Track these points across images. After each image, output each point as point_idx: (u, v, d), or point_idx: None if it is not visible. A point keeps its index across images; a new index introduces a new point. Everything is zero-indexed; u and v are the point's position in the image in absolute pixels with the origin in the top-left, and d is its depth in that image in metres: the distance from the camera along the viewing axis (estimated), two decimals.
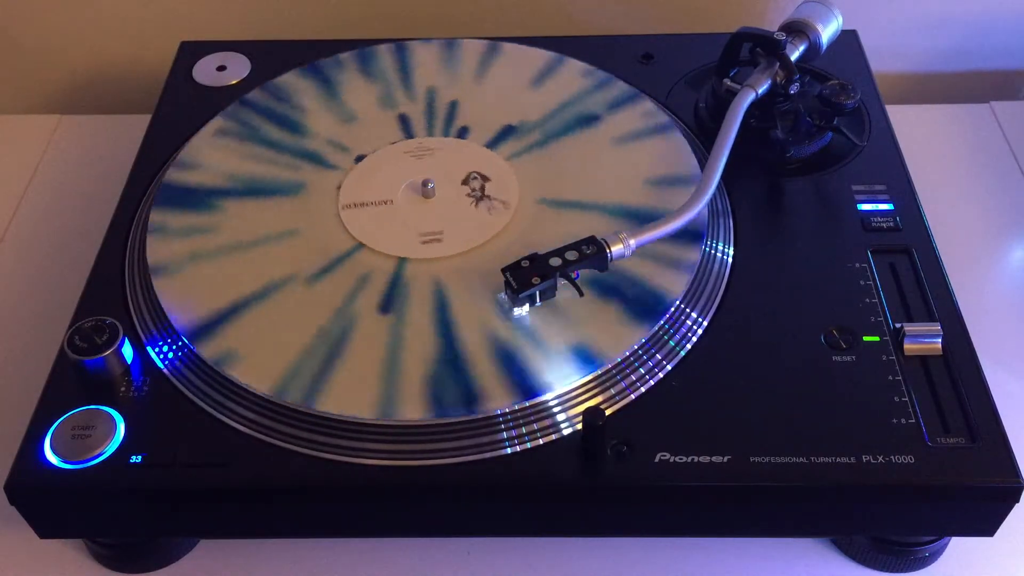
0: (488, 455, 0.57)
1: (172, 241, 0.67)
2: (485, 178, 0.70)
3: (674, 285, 0.63)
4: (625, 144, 0.72)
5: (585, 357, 0.59)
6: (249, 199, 0.69)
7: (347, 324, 0.62)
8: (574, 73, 0.78)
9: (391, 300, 0.63)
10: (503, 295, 0.62)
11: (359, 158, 0.72)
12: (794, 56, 0.71)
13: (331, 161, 0.72)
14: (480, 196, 0.69)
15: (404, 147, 0.73)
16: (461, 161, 0.72)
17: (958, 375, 0.59)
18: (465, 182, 0.70)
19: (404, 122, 0.74)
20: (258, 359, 0.60)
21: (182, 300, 0.63)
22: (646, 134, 0.73)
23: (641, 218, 0.66)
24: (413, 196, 0.69)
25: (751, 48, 0.73)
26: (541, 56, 0.79)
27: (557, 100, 0.76)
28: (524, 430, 0.57)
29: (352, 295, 0.63)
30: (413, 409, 0.57)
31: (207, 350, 0.60)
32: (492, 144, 0.73)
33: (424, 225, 0.67)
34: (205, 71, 0.81)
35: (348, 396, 0.58)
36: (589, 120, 0.74)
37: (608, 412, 0.58)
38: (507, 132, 0.74)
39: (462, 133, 0.74)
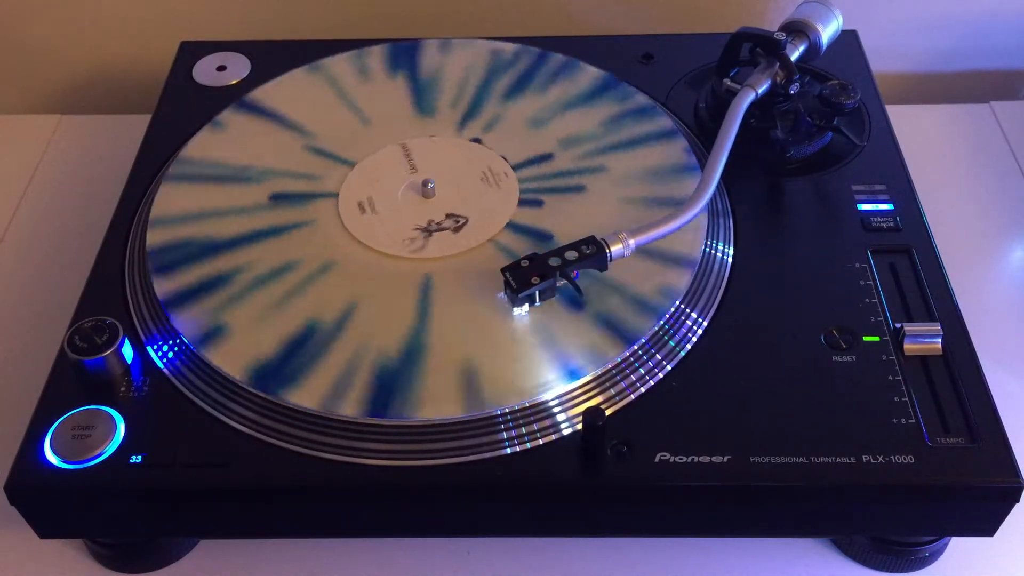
0: (488, 455, 0.57)
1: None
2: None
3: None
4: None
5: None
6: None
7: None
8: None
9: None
10: (503, 295, 0.62)
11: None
12: (794, 56, 0.71)
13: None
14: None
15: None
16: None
17: (958, 375, 0.59)
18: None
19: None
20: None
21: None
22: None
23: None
24: (414, 197, 0.69)
25: (751, 48, 0.73)
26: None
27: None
28: (524, 430, 0.57)
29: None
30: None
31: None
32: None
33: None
34: (205, 71, 0.81)
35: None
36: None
37: (608, 412, 0.58)
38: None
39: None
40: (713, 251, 0.65)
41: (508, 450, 0.57)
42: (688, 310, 0.62)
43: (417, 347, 0.60)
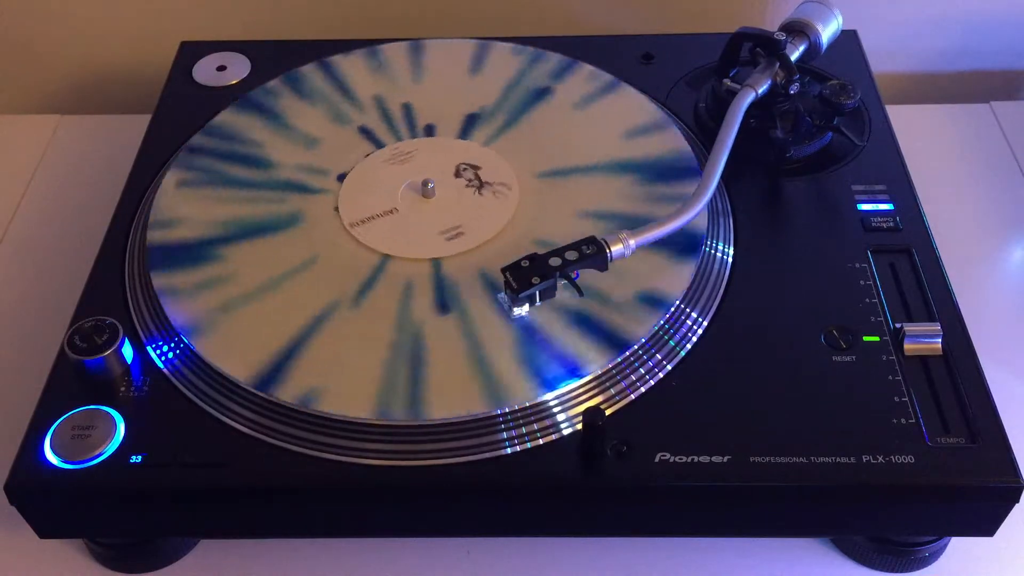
0: (488, 455, 0.57)
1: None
2: (475, 167, 0.70)
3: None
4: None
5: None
6: (248, 239, 0.67)
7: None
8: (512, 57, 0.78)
9: (446, 300, 0.63)
10: (503, 295, 0.62)
11: (341, 176, 0.71)
12: (794, 56, 0.71)
13: (314, 185, 0.70)
14: (479, 184, 0.69)
15: (382, 156, 0.72)
16: (444, 156, 0.72)
17: (958, 375, 0.59)
18: (458, 175, 0.70)
19: (367, 133, 0.74)
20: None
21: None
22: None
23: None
24: (415, 198, 0.69)
25: (751, 48, 0.73)
26: (470, 46, 0.80)
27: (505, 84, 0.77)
28: (524, 430, 0.57)
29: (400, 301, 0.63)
30: (521, 393, 0.58)
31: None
32: (463, 135, 0.73)
33: (440, 223, 0.67)
34: (205, 71, 0.81)
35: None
36: (541, 93, 0.75)
37: (608, 412, 0.58)
38: (472, 120, 0.74)
39: (429, 130, 0.74)
40: (713, 251, 0.65)
41: (508, 450, 0.57)
42: (688, 310, 0.62)
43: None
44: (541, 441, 0.57)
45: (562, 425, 0.58)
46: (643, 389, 0.59)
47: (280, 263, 0.65)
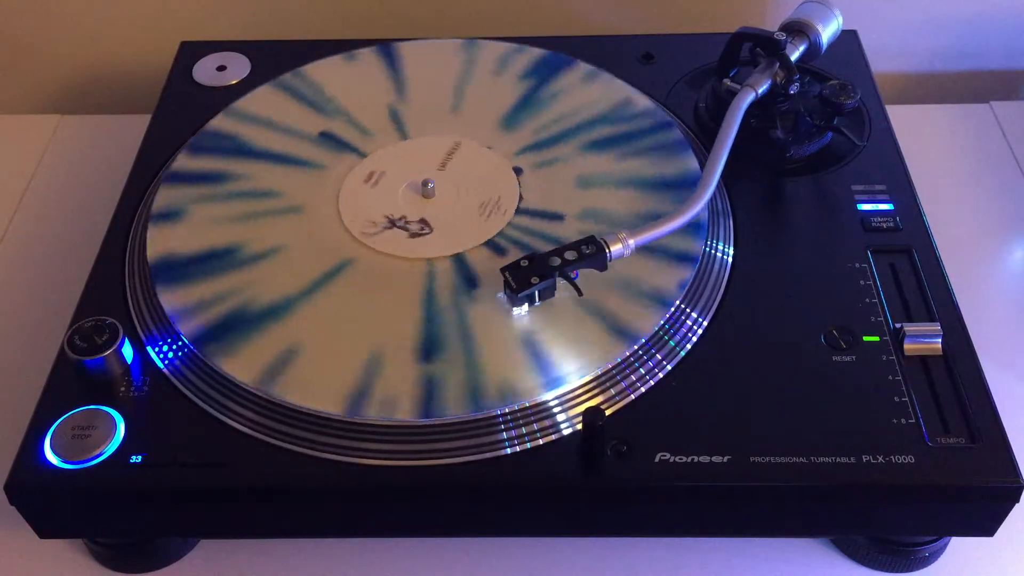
0: (488, 455, 0.57)
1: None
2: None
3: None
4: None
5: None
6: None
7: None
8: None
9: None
10: (502, 295, 0.62)
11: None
12: (794, 56, 0.71)
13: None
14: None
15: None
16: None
17: (958, 375, 0.59)
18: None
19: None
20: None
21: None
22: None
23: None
24: (415, 198, 0.69)
25: (751, 48, 0.73)
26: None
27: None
28: (524, 430, 0.57)
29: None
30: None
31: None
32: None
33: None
34: (205, 71, 0.81)
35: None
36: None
37: (608, 412, 0.58)
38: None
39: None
40: (713, 251, 0.65)
41: (508, 450, 0.57)
42: (688, 310, 0.62)
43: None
44: (541, 441, 0.57)
45: (562, 425, 0.58)
46: (643, 389, 0.59)
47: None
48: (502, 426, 0.57)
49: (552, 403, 0.58)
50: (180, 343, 0.61)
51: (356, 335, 0.61)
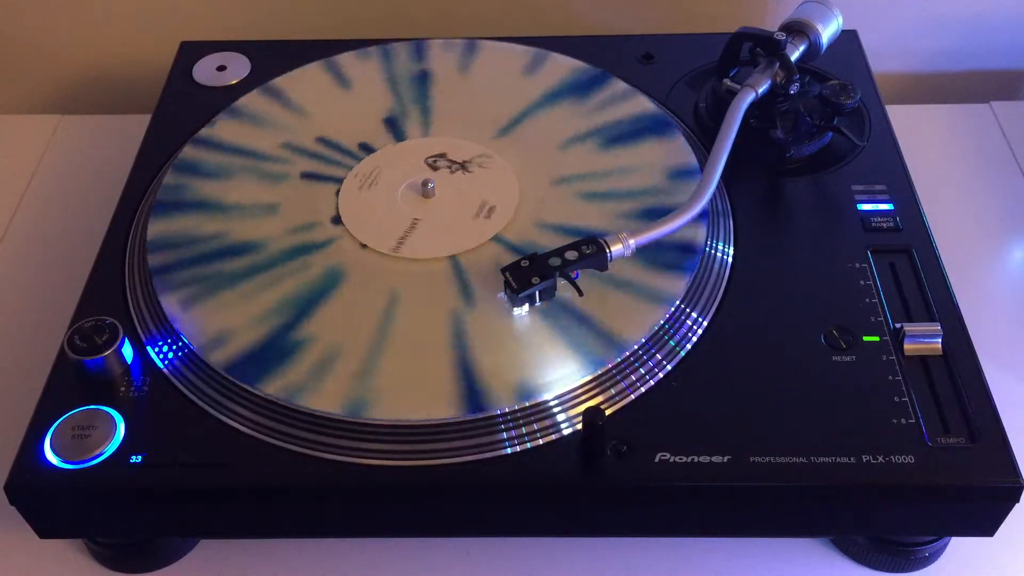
0: (488, 455, 0.57)
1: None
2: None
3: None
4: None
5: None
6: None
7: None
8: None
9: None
10: (503, 295, 0.62)
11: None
12: (794, 56, 0.71)
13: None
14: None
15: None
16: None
17: (958, 375, 0.59)
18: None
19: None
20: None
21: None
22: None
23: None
24: (415, 198, 0.69)
25: (751, 48, 0.73)
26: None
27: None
28: (524, 430, 0.57)
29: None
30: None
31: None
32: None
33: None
34: (205, 71, 0.81)
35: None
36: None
37: (608, 412, 0.58)
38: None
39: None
40: (713, 251, 0.65)
41: (508, 450, 0.57)
42: (688, 310, 0.62)
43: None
44: (541, 441, 0.57)
45: (562, 425, 0.58)
46: (643, 389, 0.59)
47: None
48: (502, 426, 0.57)
49: (552, 403, 0.58)
50: (180, 343, 0.61)
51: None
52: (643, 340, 0.60)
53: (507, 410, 0.57)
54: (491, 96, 0.76)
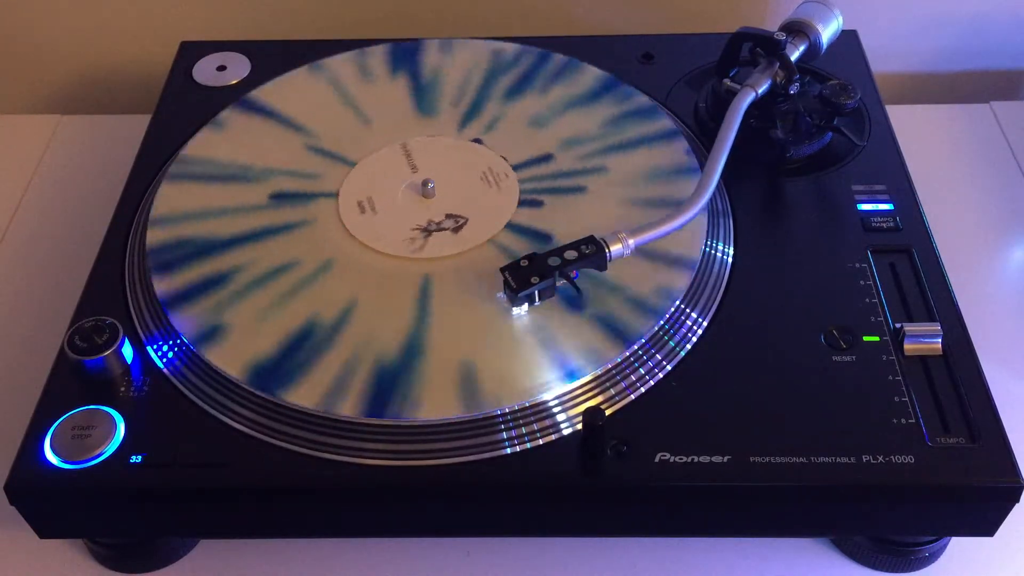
0: (488, 455, 0.57)
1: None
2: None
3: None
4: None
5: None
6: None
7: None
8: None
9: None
10: (502, 295, 0.62)
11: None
12: (794, 56, 0.71)
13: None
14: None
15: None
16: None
17: (958, 375, 0.59)
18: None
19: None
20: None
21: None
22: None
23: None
24: (415, 198, 0.69)
25: (751, 48, 0.73)
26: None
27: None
28: (524, 430, 0.57)
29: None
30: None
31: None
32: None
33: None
34: (205, 71, 0.81)
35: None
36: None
37: (608, 412, 0.58)
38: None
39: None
40: (713, 251, 0.65)
41: (508, 450, 0.57)
42: (688, 310, 0.62)
43: (417, 347, 0.60)
44: (541, 441, 0.57)
45: (562, 425, 0.58)
46: (643, 389, 0.59)
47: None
48: (502, 426, 0.57)
49: (552, 403, 0.58)
50: (180, 343, 0.61)
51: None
52: (643, 340, 0.60)
53: (507, 410, 0.57)
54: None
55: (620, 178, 0.70)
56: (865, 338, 0.61)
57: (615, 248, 0.61)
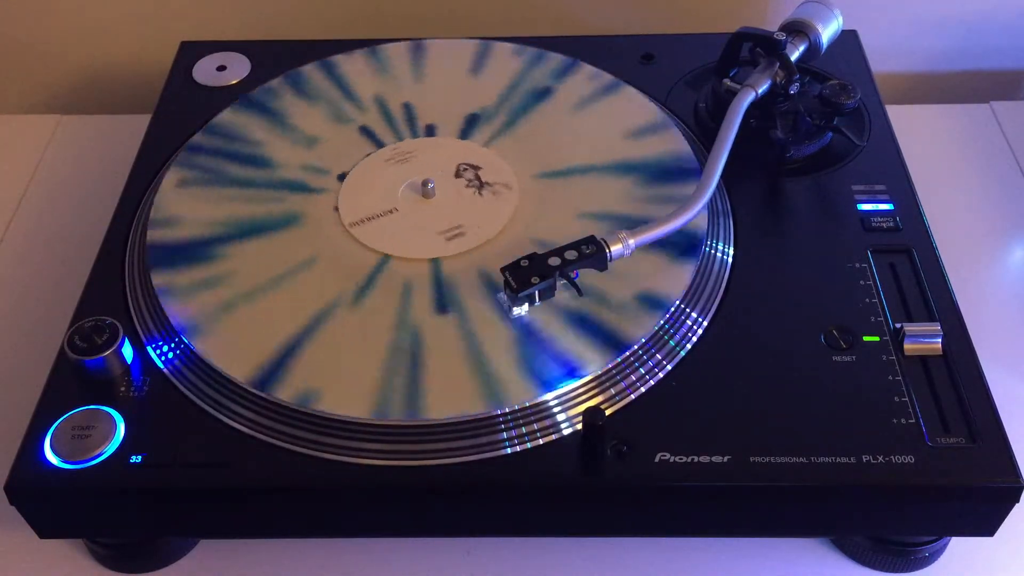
0: (488, 455, 0.57)
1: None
2: (476, 167, 0.70)
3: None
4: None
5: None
6: (248, 239, 0.67)
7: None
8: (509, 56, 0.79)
9: (445, 301, 0.63)
10: (502, 294, 0.62)
11: (341, 176, 0.71)
12: (794, 56, 0.71)
13: (314, 185, 0.70)
14: (479, 184, 0.69)
15: (382, 155, 0.72)
16: (444, 156, 0.72)
17: (958, 375, 0.59)
18: (458, 175, 0.70)
19: (368, 133, 0.74)
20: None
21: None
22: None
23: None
24: (415, 198, 0.69)
25: (751, 48, 0.73)
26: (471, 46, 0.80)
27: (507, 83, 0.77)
28: (524, 430, 0.57)
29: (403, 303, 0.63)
30: (521, 393, 0.58)
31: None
32: (464, 135, 0.73)
33: (440, 223, 0.67)
34: (205, 71, 0.81)
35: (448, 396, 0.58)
36: (542, 94, 0.76)
37: (608, 412, 0.58)
38: (472, 120, 0.74)
39: (430, 131, 0.74)
40: (713, 251, 0.65)
41: (508, 450, 0.57)
42: (688, 310, 0.62)
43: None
44: (541, 441, 0.57)
45: (562, 425, 0.58)
46: (643, 389, 0.59)
47: (280, 263, 0.65)
48: (502, 426, 0.57)
49: (552, 403, 0.58)
50: (180, 343, 0.61)
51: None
52: (643, 340, 0.60)
53: (507, 410, 0.57)
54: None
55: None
56: (865, 338, 0.61)
57: (615, 248, 0.61)
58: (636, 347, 0.60)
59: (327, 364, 0.60)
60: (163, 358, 0.61)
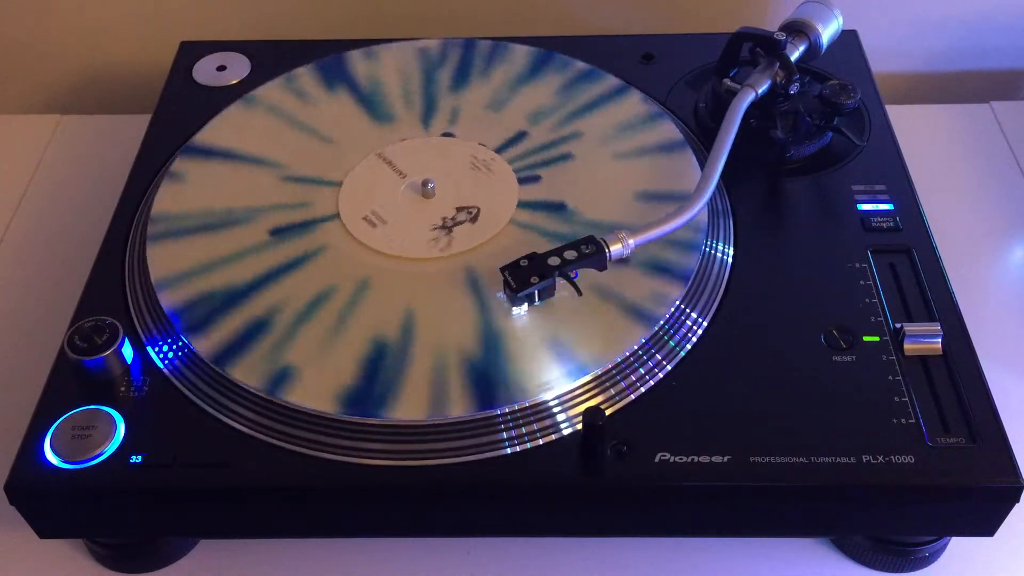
0: (488, 455, 0.57)
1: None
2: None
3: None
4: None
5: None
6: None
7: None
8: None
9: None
10: (502, 294, 0.62)
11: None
12: (794, 56, 0.71)
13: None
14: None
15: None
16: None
17: (958, 375, 0.59)
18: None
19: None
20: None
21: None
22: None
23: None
24: (415, 198, 0.69)
25: (751, 48, 0.73)
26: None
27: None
28: (524, 430, 0.57)
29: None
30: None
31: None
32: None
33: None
34: (205, 71, 0.81)
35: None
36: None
37: (608, 412, 0.58)
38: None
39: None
40: (713, 251, 0.65)
41: (508, 450, 0.57)
42: (688, 310, 0.62)
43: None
44: (541, 441, 0.57)
45: (562, 425, 0.58)
46: (643, 389, 0.59)
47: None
48: (502, 426, 0.57)
49: (552, 403, 0.58)
50: (180, 343, 0.61)
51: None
52: (643, 340, 0.60)
53: (507, 410, 0.57)
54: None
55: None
56: (865, 338, 0.61)
57: (615, 248, 0.61)
58: (636, 347, 0.60)
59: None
60: (163, 358, 0.61)
